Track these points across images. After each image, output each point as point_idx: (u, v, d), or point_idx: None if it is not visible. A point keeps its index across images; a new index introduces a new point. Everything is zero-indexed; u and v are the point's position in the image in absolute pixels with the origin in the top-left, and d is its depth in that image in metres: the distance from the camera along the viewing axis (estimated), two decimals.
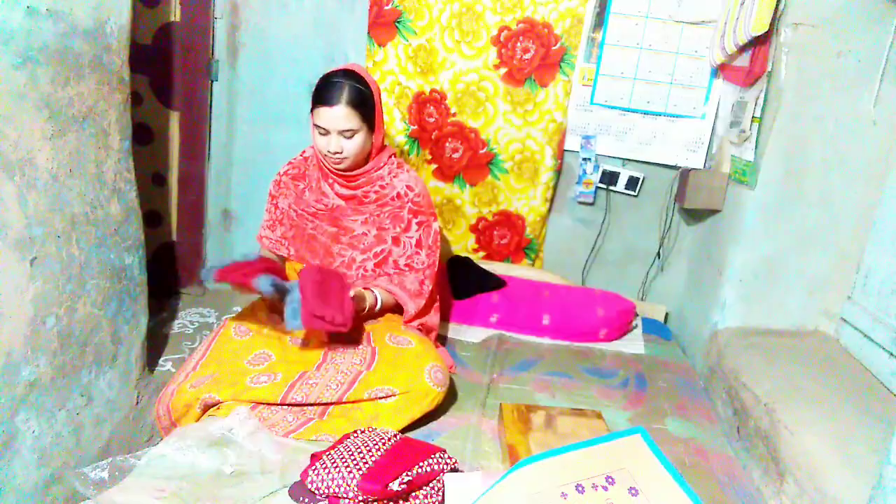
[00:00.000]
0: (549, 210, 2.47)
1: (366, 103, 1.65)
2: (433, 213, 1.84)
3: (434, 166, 2.47)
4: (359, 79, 1.66)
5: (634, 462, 1.15)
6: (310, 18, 2.38)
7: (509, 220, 2.48)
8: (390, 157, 1.82)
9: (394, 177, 1.79)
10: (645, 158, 2.37)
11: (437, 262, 1.84)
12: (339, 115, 1.61)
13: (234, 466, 1.31)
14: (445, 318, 2.20)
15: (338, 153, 1.66)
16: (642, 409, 1.75)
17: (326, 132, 1.65)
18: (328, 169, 1.75)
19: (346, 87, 1.62)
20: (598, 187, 2.40)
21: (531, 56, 2.31)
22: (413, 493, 1.22)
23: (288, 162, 1.89)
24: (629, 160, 2.39)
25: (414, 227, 1.79)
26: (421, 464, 1.23)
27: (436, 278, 1.86)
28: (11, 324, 1.29)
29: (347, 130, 1.63)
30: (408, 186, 1.79)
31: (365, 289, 1.73)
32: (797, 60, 1.81)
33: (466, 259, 2.39)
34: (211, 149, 2.49)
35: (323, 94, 1.63)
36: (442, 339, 2.05)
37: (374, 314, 1.76)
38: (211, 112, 2.46)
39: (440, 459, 1.27)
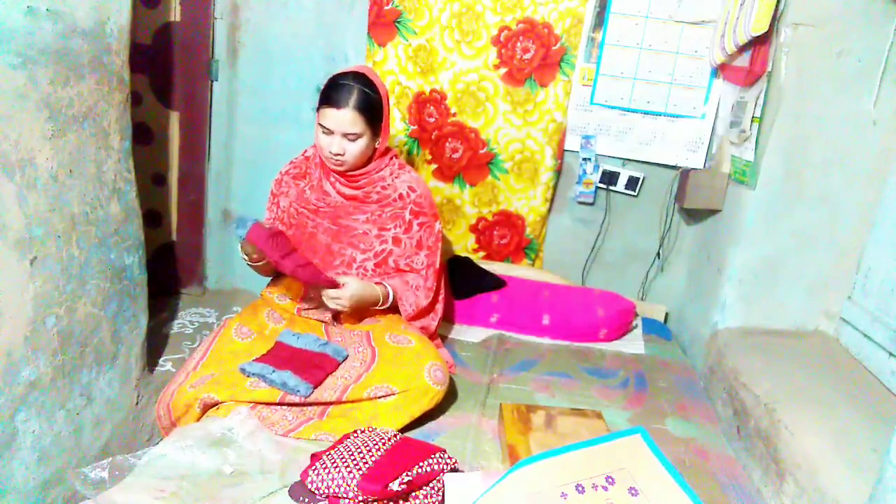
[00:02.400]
0: (549, 210, 2.47)
1: (373, 109, 1.66)
2: (435, 214, 1.84)
3: (434, 166, 2.47)
4: (369, 84, 1.67)
5: (634, 462, 1.16)
6: (310, 18, 2.38)
7: (509, 220, 2.48)
8: (391, 158, 1.82)
9: (395, 178, 1.79)
10: (645, 158, 2.37)
11: (437, 263, 1.84)
12: (346, 118, 1.62)
13: (234, 466, 1.31)
14: (446, 319, 2.19)
15: (339, 155, 1.66)
16: (642, 409, 1.75)
17: (330, 132, 1.65)
18: (329, 168, 1.75)
19: (355, 91, 1.63)
20: (598, 187, 2.40)
21: (531, 56, 2.31)
22: (413, 493, 1.22)
23: (290, 161, 1.89)
24: (629, 160, 2.39)
25: (415, 227, 1.79)
26: (421, 464, 1.23)
27: (438, 278, 1.86)
28: (11, 324, 1.29)
29: (352, 134, 1.64)
30: (410, 187, 1.79)
31: (377, 283, 1.74)
32: (797, 60, 1.81)
33: (466, 259, 2.39)
34: (211, 149, 2.49)
35: (332, 95, 1.64)
36: (442, 339, 2.05)
37: (385, 309, 1.77)
38: (211, 112, 2.46)
39: (440, 459, 1.27)
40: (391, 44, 2.36)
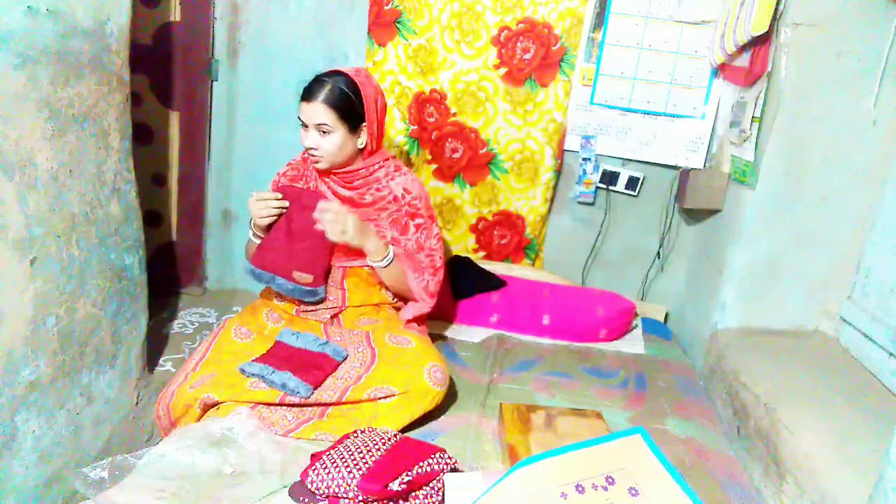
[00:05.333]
0: (549, 210, 2.47)
1: (347, 104, 1.66)
2: (432, 216, 1.83)
3: (434, 166, 2.47)
4: (347, 81, 1.68)
5: (634, 462, 1.16)
6: (310, 18, 2.38)
7: (509, 220, 2.48)
8: (386, 159, 1.82)
9: (390, 179, 1.79)
10: (645, 158, 2.37)
11: (439, 262, 1.83)
12: (314, 110, 1.65)
13: (234, 466, 1.31)
14: (446, 319, 2.20)
15: (313, 149, 1.68)
16: (642, 409, 1.75)
17: (306, 127, 1.68)
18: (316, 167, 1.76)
19: (327, 86, 1.65)
20: (598, 187, 2.40)
21: (531, 56, 2.31)
22: (413, 493, 1.22)
23: (287, 163, 1.89)
24: (629, 160, 2.39)
25: (412, 229, 1.79)
26: (421, 464, 1.23)
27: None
28: (11, 324, 1.29)
29: (323, 125, 1.65)
30: (405, 189, 1.78)
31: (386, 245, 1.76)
32: (797, 60, 1.81)
33: (466, 259, 2.39)
34: (211, 149, 2.49)
35: (306, 90, 1.68)
36: (442, 339, 2.05)
37: (387, 281, 1.78)
38: (211, 112, 2.46)
39: (440, 459, 1.27)
40: (391, 44, 2.36)
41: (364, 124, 1.71)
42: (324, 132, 1.66)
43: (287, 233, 1.72)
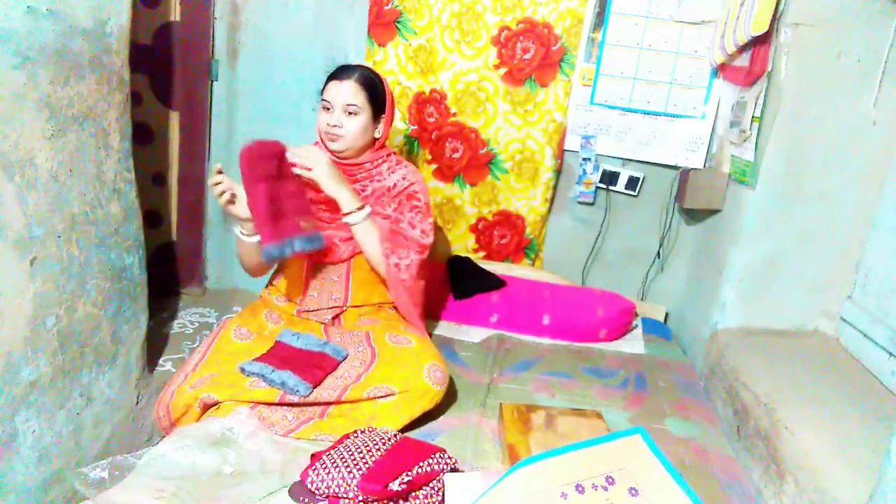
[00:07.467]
0: (549, 210, 2.47)
1: (375, 89, 1.73)
2: (427, 203, 1.85)
3: (434, 166, 2.47)
4: (373, 72, 1.77)
5: (634, 462, 1.16)
6: (310, 18, 2.38)
7: (509, 220, 2.48)
8: (389, 155, 1.84)
9: (391, 172, 1.82)
10: (645, 158, 2.37)
11: (426, 241, 1.80)
12: (348, 89, 1.69)
13: (234, 466, 1.31)
14: (446, 318, 2.20)
15: (337, 126, 1.70)
16: (642, 409, 1.75)
17: (331, 107, 1.71)
18: (327, 149, 1.76)
19: (359, 69, 1.73)
20: (598, 187, 2.40)
21: (531, 56, 2.31)
22: (413, 493, 1.22)
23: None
24: (629, 160, 2.39)
25: (407, 208, 1.81)
26: (421, 464, 1.23)
27: (429, 275, 1.86)
28: (11, 324, 1.29)
29: (352, 105, 1.69)
30: (403, 177, 1.82)
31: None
32: (797, 60, 1.81)
33: (466, 259, 2.39)
34: (211, 149, 2.49)
35: (336, 71, 1.74)
36: (442, 339, 2.05)
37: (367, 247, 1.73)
38: (211, 112, 2.46)
39: (440, 459, 1.27)
40: (391, 44, 2.36)
41: (383, 115, 1.76)
42: (351, 112, 1.70)
43: (274, 194, 1.64)
